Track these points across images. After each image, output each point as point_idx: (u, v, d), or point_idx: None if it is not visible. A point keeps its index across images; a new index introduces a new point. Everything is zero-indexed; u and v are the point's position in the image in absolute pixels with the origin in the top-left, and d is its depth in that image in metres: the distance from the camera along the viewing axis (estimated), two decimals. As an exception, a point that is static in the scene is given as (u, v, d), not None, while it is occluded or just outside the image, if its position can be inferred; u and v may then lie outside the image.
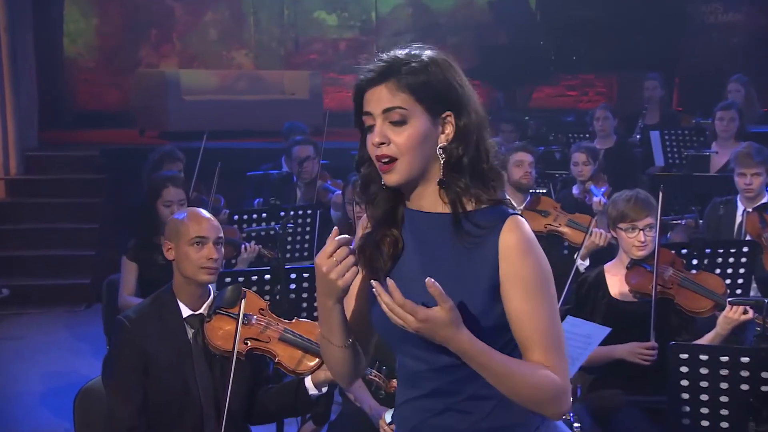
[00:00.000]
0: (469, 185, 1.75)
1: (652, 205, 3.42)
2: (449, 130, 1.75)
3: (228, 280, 3.62)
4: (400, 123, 1.74)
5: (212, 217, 2.97)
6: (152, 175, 4.86)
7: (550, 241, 4.55)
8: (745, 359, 2.64)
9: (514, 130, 7.30)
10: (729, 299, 3.18)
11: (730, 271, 4.01)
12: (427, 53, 1.77)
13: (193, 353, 2.86)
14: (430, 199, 1.79)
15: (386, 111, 1.74)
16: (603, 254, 4.22)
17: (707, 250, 4.00)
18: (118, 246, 4.61)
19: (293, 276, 3.86)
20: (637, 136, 6.93)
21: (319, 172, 5.95)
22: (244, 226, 4.93)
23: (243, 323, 2.87)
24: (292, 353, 2.89)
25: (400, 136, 1.73)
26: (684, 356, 2.73)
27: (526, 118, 8.40)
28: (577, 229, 4.58)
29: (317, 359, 2.87)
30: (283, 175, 6.16)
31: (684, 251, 3.97)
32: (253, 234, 4.72)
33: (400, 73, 1.74)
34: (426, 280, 1.63)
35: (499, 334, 1.74)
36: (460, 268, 1.73)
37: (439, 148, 1.75)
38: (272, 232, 4.47)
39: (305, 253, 5.14)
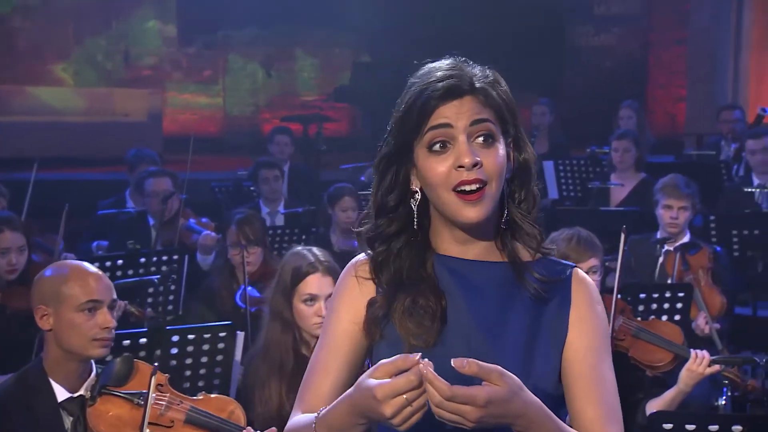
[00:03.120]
0: (528, 231, 1.61)
1: (596, 246, 3.33)
2: (510, 164, 1.61)
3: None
4: (489, 140, 1.56)
5: (103, 274, 2.57)
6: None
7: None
8: (737, 428, 2.54)
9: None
10: (713, 358, 3.11)
11: (665, 317, 3.98)
12: (485, 68, 1.62)
13: (73, 449, 2.48)
14: (482, 245, 1.61)
15: (475, 123, 1.56)
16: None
17: (641, 295, 3.95)
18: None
19: (175, 339, 3.47)
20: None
21: (180, 210, 5.51)
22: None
23: (137, 404, 2.56)
24: None
25: (489, 156, 1.55)
26: (668, 426, 2.60)
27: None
28: None
29: None
30: (132, 214, 5.68)
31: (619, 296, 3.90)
32: (119, 288, 4.23)
33: (483, 83, 1.58)
34: (453, 362, 1.40)
35: (558, 405, 1.57)
36: (530, 328, 1.57)
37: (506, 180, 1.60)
38: (150, 288, 4.02)
39: (169, 307, 4.69)
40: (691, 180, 4.78)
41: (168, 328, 3.49)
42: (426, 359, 1.40)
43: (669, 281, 4.51)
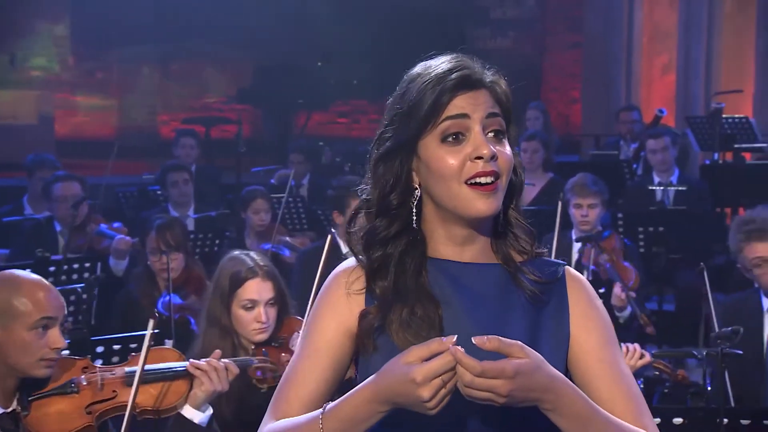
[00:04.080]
0: (523, 232, 1.60)
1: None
2: None
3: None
4: (500, 135, 1.55)
5: (53, 287, 2.43)
6: None
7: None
8: (677, 420, 2.62)
9: (305, 161, 7.10)
10: (653, 353, 3.19)
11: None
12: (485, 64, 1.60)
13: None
14: (479, 247, 1.58)
15: (490, 116, 1.53)
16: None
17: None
18: None
19: (100, 350, 3.33)
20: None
21: (89, 215, 5.31)
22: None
23: (71, 392, 2.51)
24: (149, 392, 2.58)
25: (503, 152, 1.53)
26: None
27: (321, 143, 8.24)
28: None
29: (183, 380, 2.63)
30: (40, 220, 5.44)
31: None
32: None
33: (491, 78, 1.55)
34: (474, 339, 1.40)
35: None
36: (530, 331, 1.54)
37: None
38: (72, 296, 3.84)
39: (80, 317, 4.51)
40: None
41: (92, 339, 3.37)
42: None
43: (585, 273, 4.62)
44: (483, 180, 1.51)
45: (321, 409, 1.51)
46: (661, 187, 6.04)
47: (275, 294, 2.98)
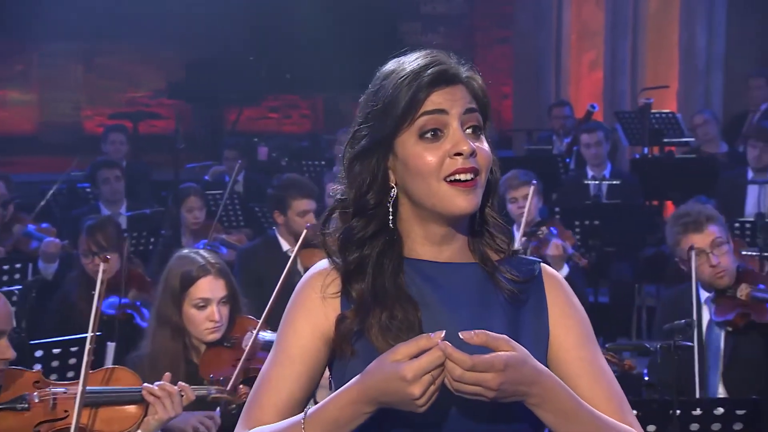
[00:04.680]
0: (499, 231, 1.58)
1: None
2: None
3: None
4: (478, 131, 1.52)
5: (2, 296, 2.32)
6: None
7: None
8: (633, 412, 2.65)
9: (239, 157, 7.00)
10: (607, 345, 3.22)
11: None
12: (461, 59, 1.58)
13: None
14: (456, 246, 1.56)
15: (468, 112, 1.51)
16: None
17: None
18: None
19: (39, 354, 3.22)
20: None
21: (13, 214, 5.13)
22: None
23: (20, 409, 2.42)
24: (102, 415, 2.49)
25: (481, 148, 1.51)
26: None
27: (255, 139, 8.14)
28: None
29: (137, 405, 2.53)
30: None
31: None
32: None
33: (467, 73, 1.53)
34: (461, 334, 1.40)
35: None
36: (510, 330, 1.51)
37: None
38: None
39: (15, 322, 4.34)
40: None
41: (31, 342, 3.26)
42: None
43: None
44: (463, 177, 1.48)
45: (302, 414, 1.48)
46: (595, 182, 6.15)
47: (228, 292, 2.92)
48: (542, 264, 1.61)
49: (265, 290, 4.40)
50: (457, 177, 1.48)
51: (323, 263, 1.59)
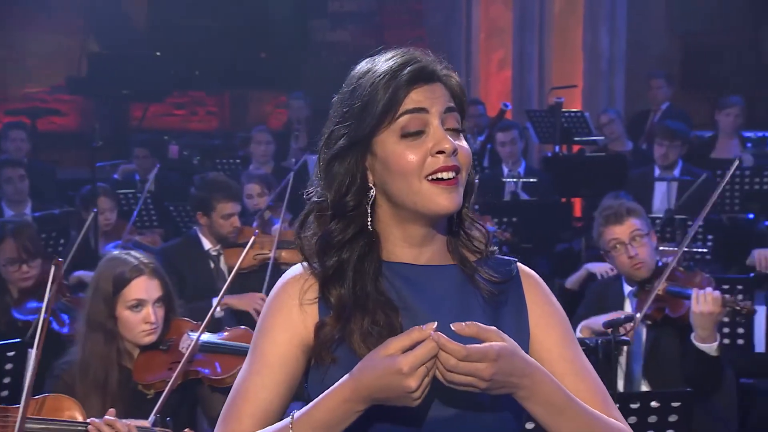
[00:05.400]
0: (477, 231, 1.58)
1: None
2: None
3: None
4: (457, 131, 1.52)
5: None
6: None
7: (270, 272, 4.32)
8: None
9: (150, 155, 6.82)
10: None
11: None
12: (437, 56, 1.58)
13: None
14: (435, 248, 1.55)
15: (448, 111, 1.50)
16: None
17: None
18: None
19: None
20: (293, 160, 6.94)
21: None
22: None
23: None
24: None
25: (462, 147, 1.51)
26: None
27: (166, 137, 7.94)
28: (296, 248, 4.44)
29: None
30: None
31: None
32: None
33: (445, 72, 1.54)
34: (453, 326, 1.39)
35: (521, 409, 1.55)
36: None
37: None
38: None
39: None
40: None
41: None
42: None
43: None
44: (445, 175, 1.48)
45: (289, 418, 1.45)
46: (512, 179, 6.25)
47: (163, 293, 2.85)
48: (519, 264, 1.61)
49: (186, 289, 4.33)
50: (440, 176, 1.48)
51: (297, 269, 1.56)
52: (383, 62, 1.52)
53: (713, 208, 5.40)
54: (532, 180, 6.18)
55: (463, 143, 1.52)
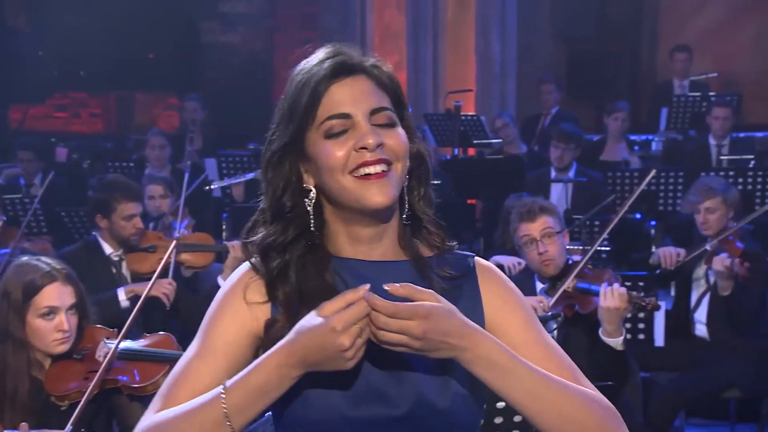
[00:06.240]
0: (432, 227, 1.56)
1: None
2: None
3: None
4: (390, 126, 1.50)
5: None
6: None
7: (172, 276, 4.26)
8: (501, 404, 2.71)
9: (36, 159, 6.54)
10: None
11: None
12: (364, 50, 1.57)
13: None
14: (387, 244, 1.54)
15: (376, 112, 1.48)
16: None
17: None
18: None
19: None
20: (188, 163, 6.78)
21: None
22: None
23: None
24: None
25: (392, 137, 1.49)
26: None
27: (53, 140, 7.61)
28: (198, 251, 4.36)
29: None
30: None
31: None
32: None
33: (371, 63, 1.51)
34: (386, 286, 1.40)
35: (479, 404, 1.55)
36: None
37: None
38: None
39: None
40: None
41: None
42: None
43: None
44: (372, 170, 1.47)
45: (221, 386, 1.42)
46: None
47: (76, 300, 2.72)
48: (476, 258, 1.61)
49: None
50: (366, 171, 1.47)
51: (245, 267, 1.55)
52: (309, 62, 1.52)
53: (604, 209, 5.61)
54: (435, 182, 6.23)
55: (395, 134, 1.50)
